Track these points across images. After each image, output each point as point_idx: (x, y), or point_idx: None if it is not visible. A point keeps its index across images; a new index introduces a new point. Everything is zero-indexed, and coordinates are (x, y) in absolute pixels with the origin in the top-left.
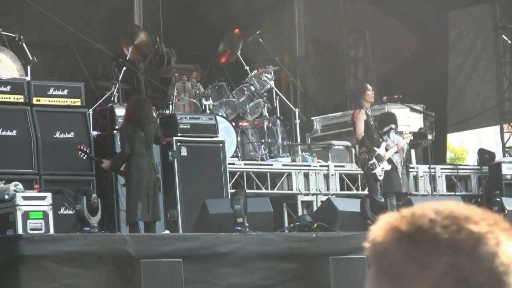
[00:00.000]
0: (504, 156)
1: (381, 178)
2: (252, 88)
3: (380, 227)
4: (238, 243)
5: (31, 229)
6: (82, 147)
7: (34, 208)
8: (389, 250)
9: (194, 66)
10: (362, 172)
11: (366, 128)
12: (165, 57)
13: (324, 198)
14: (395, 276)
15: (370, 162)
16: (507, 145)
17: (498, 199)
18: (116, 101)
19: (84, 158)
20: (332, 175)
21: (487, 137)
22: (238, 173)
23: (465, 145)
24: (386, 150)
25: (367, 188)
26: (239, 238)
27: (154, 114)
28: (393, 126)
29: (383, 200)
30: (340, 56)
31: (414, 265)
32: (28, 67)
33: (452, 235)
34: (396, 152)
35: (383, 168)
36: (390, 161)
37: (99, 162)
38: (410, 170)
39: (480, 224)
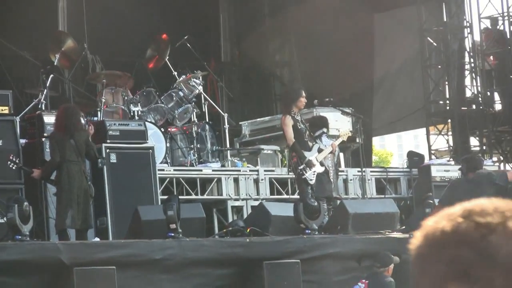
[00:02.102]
0: (430, 158)
1: (312, 182)
2: (181, 94)
3: (420, 230)
4: (172, 249)
5: None
6: (12, 158)
7: None
8: (413, 250)
9: (125, 74)
10: (294, 176)
11: (295, 133)
12: (90, 65)
13: (254, 203)
14: (414, 273)
15: (299, 167)
16: (433, 147)
17: (431, 201)
18: (44, 108)
19: (14, 168)
20: (262, 179)
21: (408, 140)
22: (168, 179)
23: (387, 148)
24: (319, 151)
25: (297, 192)
26: (173, 244)
27: (83, 121)
28: (325, 130)
29: (316, 203)
30: (266, 61)
31: (424, 260)
32: None
33: (456, 227)
34: (330, 152)
35: (314, 171)
36: (322, 164)
37: (30, 172)
38: (339, 174)
39: (492, 216)
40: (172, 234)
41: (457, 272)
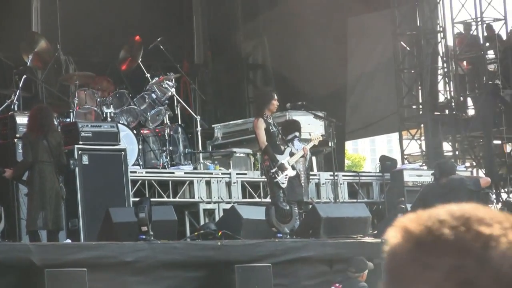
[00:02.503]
0: (403, 163)
1: (284, 186)
2: (153, 96)
3: (394, 229)
4: (143, 252)
5: None
6: None
7: None
8: (396, 251)
9: (101, 77)
10: (266, 179)
11: (268, 136)
12: (63, 65)
13: (226, 206)
14: (399, 277)
15: (272, 171)
16: (405, 152)
17: (403, 206)
18: (16, 109)
19: None
20: (234, 182)
21: (381, 144)
22: (140, 181)
23: (360, 152)
24: (291, 155)
25: (269, 196)
26: (144, 246)
27: (55, 122)
28: (297, 134)
29: (288, 207)
30: (238, 63)
31: (416, 266)
32: None
33: (458, 236)
34: (302, 156)
35: (286, 175)
36: (293, 167)
37: (1, 172)
38: (312, 178)
39: (492, 227)
40: (144, 237)
41: (458, 281)
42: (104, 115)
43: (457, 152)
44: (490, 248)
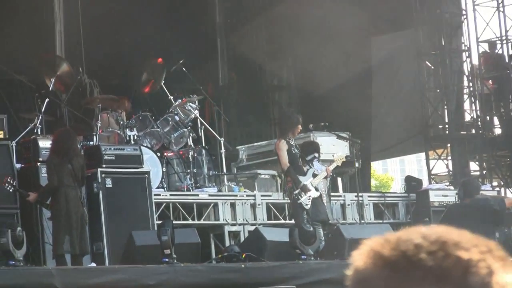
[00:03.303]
0: (430, 183)
1: (307, 207)
2: (177, 118)
3: (362, 253)
4: (166, 275)
5: None
6: (8, 179)
7: None
8: (368, 277)
9: (120, 97)
10: (289, 201)
11: (290, 158)
12: (87, 88)
13: (251, 228)
14: None
15: (295, 192)
16: (432, 172)
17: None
18: (39, 132)
19: (11, 190)
20: (259, 204)
21: (411, 164)
22: (164, 204)
23: (390, 173)
24: (314, 176)
25: (293, 217)
26: (167, 269)
27: (79, 146)
28: (316, 155)
29: (311, 229)
30: (263, 85)
31: None
32: None
33: (438, 262)
34: (325, 177)
35: (310, 196)
36: (316, 189)
37: (25, 195)
38: (337, 199)
39: (471, 251)
40: (167, 260)
41: None
42: (128, 138)
43: (484, 172)
44: (470, 274)
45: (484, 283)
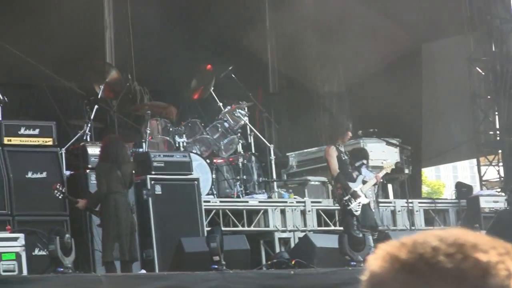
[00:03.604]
0: (481, 189)
1: (357, 213)
2: (226, 125)
3: (378, 257)
4: (215, 282)
5: (4, 271)
6: (58, 186)
7: (6, 250)
8: (385, 281)
9: (168, 104)
10: (339, 207)
11: (340, 164)
12: (137, 95)
13: (301, 234)
14: None
15: (345, 198)
16: (484, 178)
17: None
18: (88, 139)
19: (60, 197)
20: (309, 211)
21: (464, 171)
22: (214, 211)
23: (442, 179)
24: (364, 183)
25: (342, 224)
26: (216, 276)
27: (128, 153)
28: (364, 161)
29: (361, 235)
30: (314, 91)
31: None
32: None
33: (457, 264)
34: (374, 184)
35: (359, 202)
36: (366, 195)
37: (75, 202)
38: (387, 205)
39: (489, 253)
40: (216, 266)
41: None
42: (177, 145)
43: None
44: (489, 277)
45: (503, 286)
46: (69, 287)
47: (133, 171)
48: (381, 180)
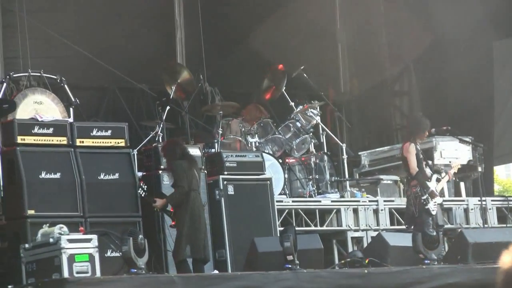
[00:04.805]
0: None
1: (434, 213)
2: (298, 124)
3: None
4: (289, 281)
5: (77, 272)
6: (142, 185)
7: (79, 251)
8: None
9: (254, 105)
10: (413, 206)
11: (417, 162)
12: (209, 96)
13: (374, 233)
14: None
15: (423, 198)
16: None
17: None
18: (160, 140)
19: (143, 195)
20: (382, 210)
21: None
22: (287, 211)
23: None
24: (438, 181)
25: (417, 222)
26: (290, 276)
27: (199, 153)
28: (429, 162)
29: (435, 233)
30: (384, 90)
31: None
32: (71, 109)
33: None
34: (448, 181)
35: (435, 202)
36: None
37: (152, 201)
38: (460, 203)
39: None
40: (289, 266)
41: None
42: (249, 145)
43: None
44: None
45: None
46: None
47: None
48: (453, 178)
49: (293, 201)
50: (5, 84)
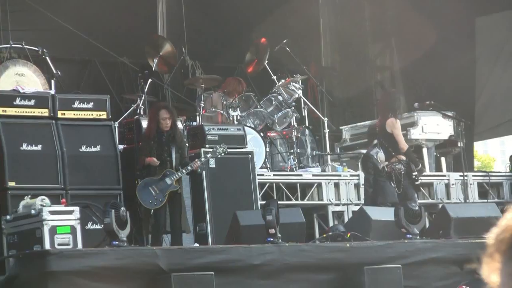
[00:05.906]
0: None
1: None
2: (280, 98)
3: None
4: (271, 255)
5: (59, 244)
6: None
7: (61, 223)
8: None
9: (235, 78)
10: (395, 182)
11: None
12: (190, 69)
13: (355, 208)
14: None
15: (414, 173)
16: None
17: None
18: (142, 113)
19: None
20: (363, 184)
21: (511, 145)
22: (268, 184)
23: (490, 154)
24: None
25: (398, 196)
26: (272, 249)
27: (181, 126)
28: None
29: (417, 208)
30: (366, 65)
31: None
32: (52, 81)
33: None
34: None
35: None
36: None
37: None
38: (441, 178)
39: None
40: (271, 239)
41: None
42: (231, 118)
43: None
44: None
45: None
46: (125, 260)
47: None
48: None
49: (274, 175)
50: None
